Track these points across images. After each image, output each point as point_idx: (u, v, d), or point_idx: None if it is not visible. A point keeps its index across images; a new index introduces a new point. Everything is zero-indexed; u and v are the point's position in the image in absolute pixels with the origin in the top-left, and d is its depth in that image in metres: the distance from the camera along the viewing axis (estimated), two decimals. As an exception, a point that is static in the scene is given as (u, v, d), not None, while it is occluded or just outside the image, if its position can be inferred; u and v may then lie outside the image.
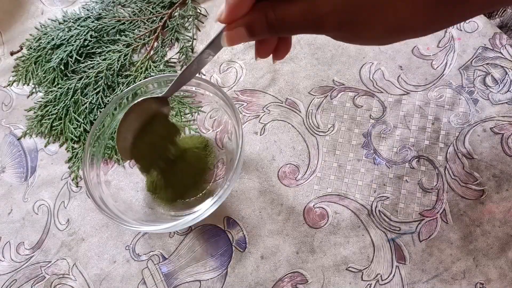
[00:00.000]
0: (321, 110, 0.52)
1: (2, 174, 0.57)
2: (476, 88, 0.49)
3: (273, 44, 0.33)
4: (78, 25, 0.63)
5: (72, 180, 0.54)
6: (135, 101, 0.40)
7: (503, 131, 0.47)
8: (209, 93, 0.48)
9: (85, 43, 0.60)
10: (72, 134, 0.56)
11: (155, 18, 0.62)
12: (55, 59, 0.60)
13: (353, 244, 0.45)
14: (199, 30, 0.61)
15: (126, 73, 0.59)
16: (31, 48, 0.64)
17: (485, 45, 0.51)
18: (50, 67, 0.60)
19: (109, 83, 0.58)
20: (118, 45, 0.60)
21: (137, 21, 0.62)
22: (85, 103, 0.57)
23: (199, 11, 0.62)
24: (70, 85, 0.58)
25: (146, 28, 0.62)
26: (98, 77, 0.58)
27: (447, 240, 0.43)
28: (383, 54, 0.53)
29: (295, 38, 0.56)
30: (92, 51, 0.61)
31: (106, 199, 0.45)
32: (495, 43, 0.51)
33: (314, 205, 0.47)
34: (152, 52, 0.60)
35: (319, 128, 0.51)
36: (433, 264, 0.43)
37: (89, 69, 0.59)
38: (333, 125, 0.51)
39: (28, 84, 0.63)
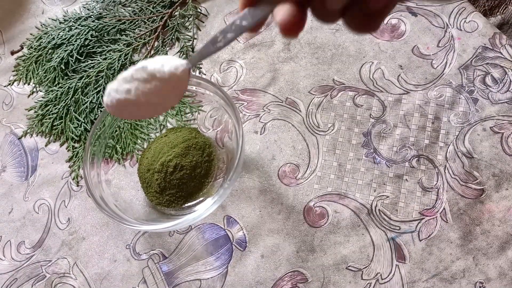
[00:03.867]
0: (321, 110, 0.52)
1: (2, 173, 0.57)
2: (476, 87, 0.49)
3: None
4: (78, 25, 0.63)
5: (73, 179, 0.54)
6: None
7: (503, 130, 0.47)
8: (210, 92, 0.48)
9: (86, 43, 0.60)
10: (72, 134, 0.56)
11: (155, 18, 0.62)
12: (55, 58, 0.60)
13: (353, 243, 0.45)
14: (200, 30, 0.61)
15: (127, 72, 0.59)
16: (31, 47, 0.64)
17: (485, 44, 0.51)
18: (51, 66, 0.60)
19: (109, 83, 0.58)
20: (118, 45, 0.61)
21: (137, 21, 0.62)
22: (85, 103, 0.57)
23: (200, 11, 0.62)
24: (70, 84, 0.58)
25: (146, 28, 0.62)
26: (98, 77, 0.58)
27: (447, 239, 0.43)
28: (383, 54, 0.53)
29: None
30: (93, 50, 0.61)
31: (107, 198, 0.45)
32: (495, 43, 0.51)
33: (314, 204, 0.47)
34: (152, 52, 0.60)
35: (319, 127, 0.51)
36: (433, 263, 0.43)
37: (89, 68, 0.59)
38: (333, 124, 0.51)
39: (28, 84, 0.63)
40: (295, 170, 0.49)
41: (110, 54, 0.60)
